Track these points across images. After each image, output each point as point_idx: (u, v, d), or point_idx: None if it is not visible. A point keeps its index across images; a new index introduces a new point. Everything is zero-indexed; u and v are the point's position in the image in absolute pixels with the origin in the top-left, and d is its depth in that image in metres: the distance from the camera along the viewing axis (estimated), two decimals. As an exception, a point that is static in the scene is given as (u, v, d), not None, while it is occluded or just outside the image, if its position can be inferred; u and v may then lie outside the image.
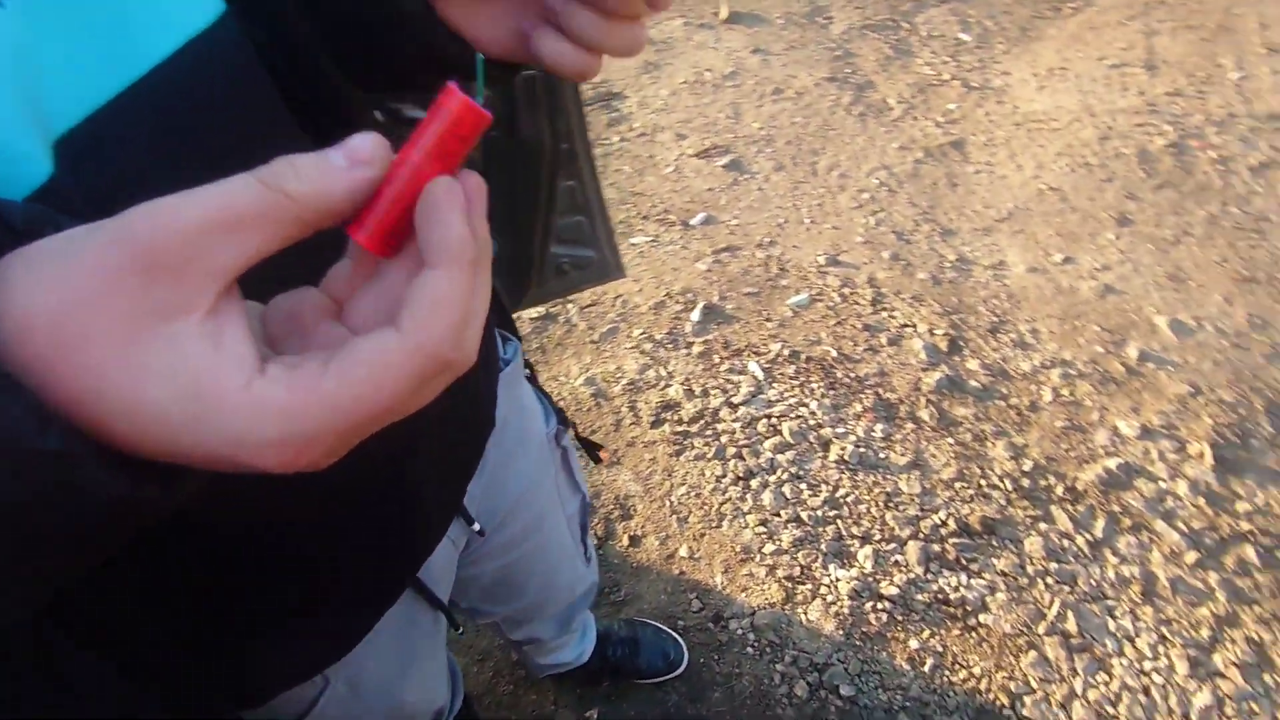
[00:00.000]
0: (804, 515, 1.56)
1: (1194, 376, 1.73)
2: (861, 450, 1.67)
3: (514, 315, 0.89)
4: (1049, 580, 1.43)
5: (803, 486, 1.61)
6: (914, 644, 1.37)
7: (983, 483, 1.59)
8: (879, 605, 1.42)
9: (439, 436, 0.52)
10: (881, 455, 1.66)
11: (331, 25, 0.40)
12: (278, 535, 0.42)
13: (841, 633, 1.39)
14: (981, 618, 1.39)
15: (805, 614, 1.42)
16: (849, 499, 1.58)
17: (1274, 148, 2.20)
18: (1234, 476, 1.55)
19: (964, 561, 1.47)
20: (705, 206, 2.36)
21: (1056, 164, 2.29)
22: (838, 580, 1.46)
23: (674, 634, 1.40)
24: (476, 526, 0.66)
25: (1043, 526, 1.51)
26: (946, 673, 1.33)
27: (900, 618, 1.40)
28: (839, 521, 1.55)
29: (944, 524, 1.53)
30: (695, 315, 2.01)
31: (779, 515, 1.57)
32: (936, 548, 1.49)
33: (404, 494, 0.49)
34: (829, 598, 1.44)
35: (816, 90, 2.70)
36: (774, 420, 1.74)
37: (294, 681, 0.49)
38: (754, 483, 1.63)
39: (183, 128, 0.31)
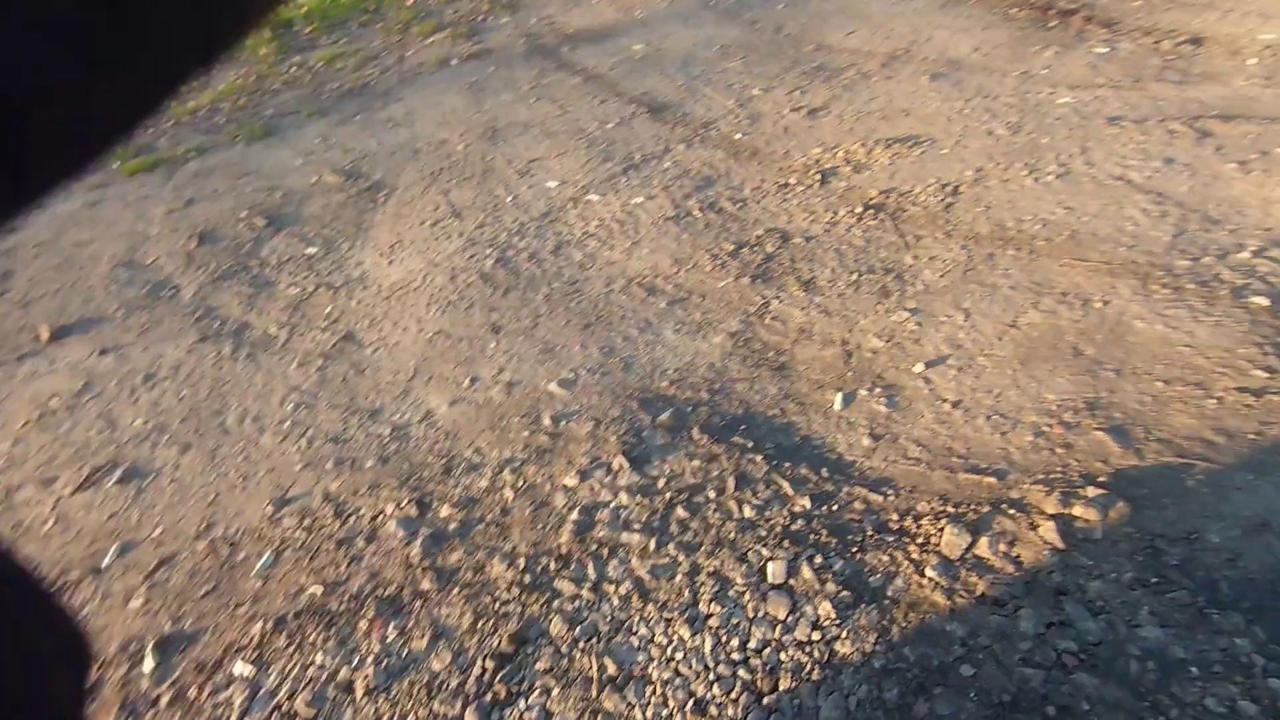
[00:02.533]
0: (357, 777, 1.40)
1: (592, 413, 2.15)
2: (385, 663, 1.58)
3: None
4: (580, 645, 1.57)
5: (344, 748, 1.44)
6: (511, 805, 1.33)
7: (497, 605, 1.67)
8: (466, 799, 1.34)
9: None
10: (405, 653, 1.60)
11: None
12: None
13: None
14: (551, 725, 1.44)
15: None
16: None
17: (557, 234, 2.95)
18: (645, 464, 1.96)
19: (514, 690, 1.50)
20: (114, 537, 2.00)
21: (430, 314, 2.64)
22: (419, 812, 1.33)
23: None
24: None
25: (555, 604, 1.65)
26: (548, 804, 1.32)
27: (488, 793, 1.35)
28: (394, 752, 1.43)
29: (484, 668, 1.54)
30: (148, 664, 1.66)
31: (333, 801, 1.37)
32: (488, 697, 1.49)
33: None
34: (419, 839, 1.30)
35: (192, 357, 2.59)
36: (285, 705, 1.53)
37: None
38: (291, 791, 1.39)
39: None
